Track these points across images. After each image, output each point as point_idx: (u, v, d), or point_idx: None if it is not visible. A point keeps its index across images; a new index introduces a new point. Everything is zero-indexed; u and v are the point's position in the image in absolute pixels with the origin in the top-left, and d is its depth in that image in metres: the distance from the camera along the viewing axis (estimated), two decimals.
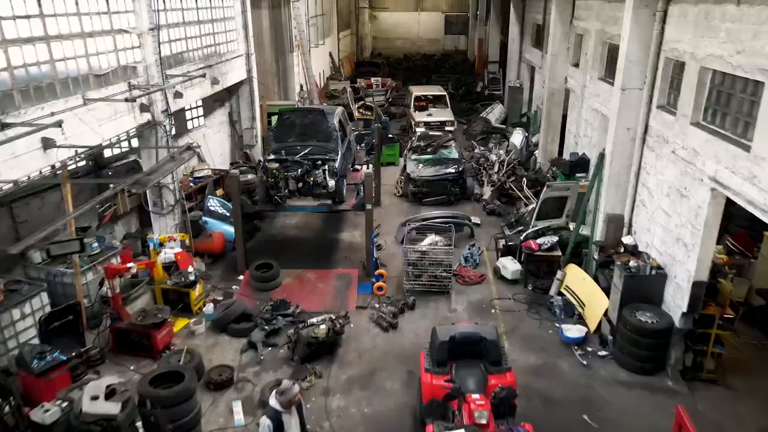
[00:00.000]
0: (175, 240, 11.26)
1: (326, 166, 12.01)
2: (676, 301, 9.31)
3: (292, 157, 12.21)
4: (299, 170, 11.92)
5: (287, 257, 13.56)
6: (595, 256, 11.43)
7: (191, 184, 15.18)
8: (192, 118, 16.16)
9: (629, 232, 11.22)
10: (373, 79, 30.04)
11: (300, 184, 11.99)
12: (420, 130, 22.66)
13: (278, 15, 21.81)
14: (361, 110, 24.91)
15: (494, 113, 25.37)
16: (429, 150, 18.17)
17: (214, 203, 14.91)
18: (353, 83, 30.68)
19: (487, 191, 16.94)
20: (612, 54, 13.30)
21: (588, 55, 14.55)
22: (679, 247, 9.25)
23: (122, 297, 10.40)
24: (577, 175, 14.34)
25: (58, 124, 7.78)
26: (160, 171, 8.56)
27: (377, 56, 45.99)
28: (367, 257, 12.58)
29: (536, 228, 12.46)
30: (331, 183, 11.88)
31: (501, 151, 18.53)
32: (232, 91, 17.61)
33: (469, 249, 13.74)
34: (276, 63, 21.97)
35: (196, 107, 16.30)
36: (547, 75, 17.10)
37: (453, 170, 16.94)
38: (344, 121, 14.28)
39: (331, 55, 31.97)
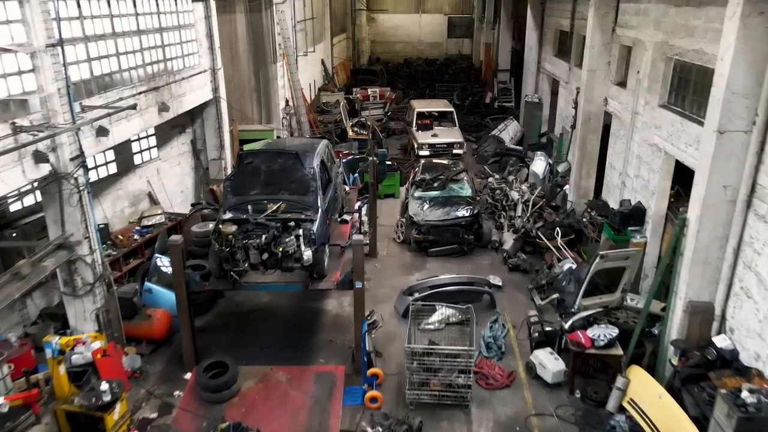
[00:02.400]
0: (84, 343, 8.03)
1: (301, 231, 8.80)
2: None
3: (255, 217, 9.01)
4: (264, 236, 8.70)
5: (253, 341, 10.44)
6: (673, 361, 8.21)
7: (136, 237, 11.99)
8: (140, 151, 12.94)
9: (722, 330, 8.03)
10: (370, 90, 26.82)
11: (265, 255, 8.76)
12: (423, 153, 19.49)
13: (258, 20, 18.59)
14: (355, 129, 21.72)
15: (508, 131, 22.12)
16: (436, 185, 14.94)
17: (165, 262, 11.69)
18: (348, 94, 27.53)
19: (508, 239, 13.71)
20: (683, 76, 10.10)
21: (641, 74, 11.33)
22: None
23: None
24: (630, 229, 11.14)
25: None
26: None
27: (376, 61, 42.87)
28: (357, 352, 9.38)
29: (585, 314, 9.22)
30: (308, 254, 8.65)
31: (523, 186, 15.30)
32: (195, 114, 14.41)
33: (491, 328, 10.55)
34: (255, 76, 18.75)
35: (147, 137, 13.09)
36: (582, 94, 13.89)
37: (466, 213, 13.72)
38: (328, 159, 11.07)
39: (323, 62, 28.76)
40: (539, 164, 17.32)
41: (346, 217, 11.49)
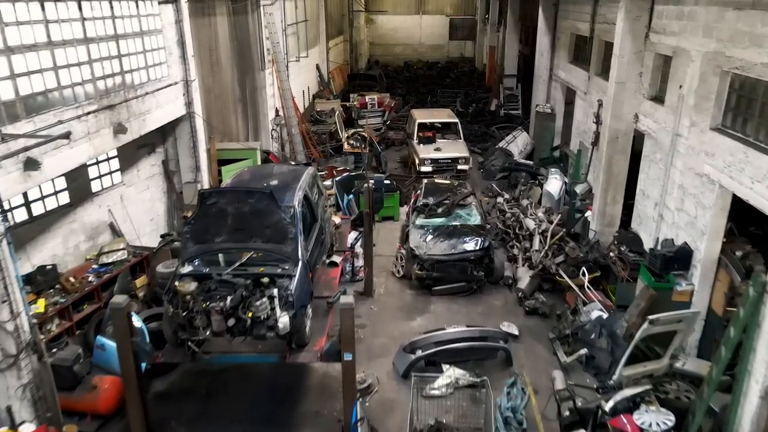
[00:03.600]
0: None
1: (275, 290, 7.04)
2: None
3: (219, 273, 7.25)
4: (229, 297, 6.95)
5: (223, 411, 8.69)
6: None
7: (91, 278, 10.22)
8: (99, 176, 11.16)
9: None
10: (368, 98, 25.02)
11: (231, 321, 7.01)
12: (425, 169, 17.78)
13: (243, 24, 16.82)
14: (351, 142, 19.97)
15: (517, 143, 20.40)
16: (440, 210, 13.17)
17: None
18: (344, 101, 25.79)
19: (523, 276, 11.93)
20: (744, 94, 8.32)
21: (685, 89, 9.57)
22: None
23: None
24: (673, 273, 9.38)
25: None
26: None
27: (375, 64, 41.24)
28: None
29: (630, 393, 7.44)
30: (284, 320, 6.91)
31: (540, 213, 13.52)
32: (166, 131, 12.65)
33: (509, 394, 8.76)
34: (240, 86, 16.98)
35: (108, 159, 11.33)
36: (608, 110, 12.12)
37: (476, 246, 11.95)
38: (313, 191, 9.30)
39: (318, 68, 27.00)
40: (554, 184, 15.57)
41: (335, 258, 9.73)
